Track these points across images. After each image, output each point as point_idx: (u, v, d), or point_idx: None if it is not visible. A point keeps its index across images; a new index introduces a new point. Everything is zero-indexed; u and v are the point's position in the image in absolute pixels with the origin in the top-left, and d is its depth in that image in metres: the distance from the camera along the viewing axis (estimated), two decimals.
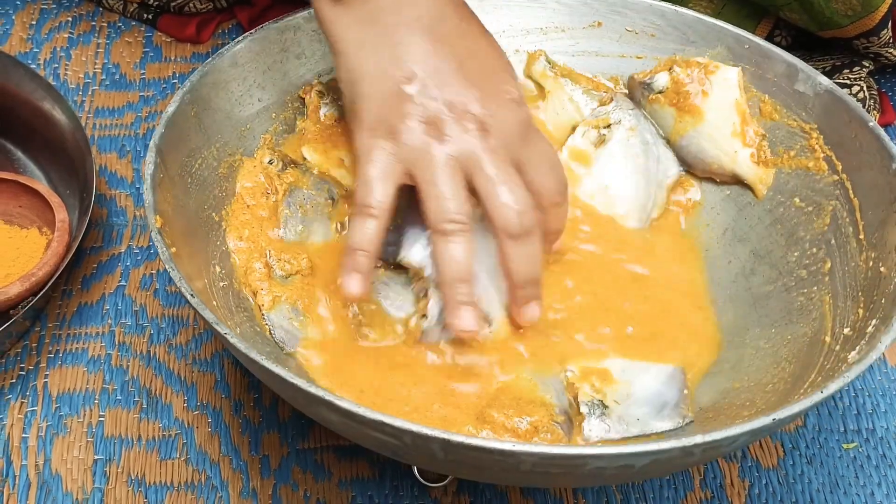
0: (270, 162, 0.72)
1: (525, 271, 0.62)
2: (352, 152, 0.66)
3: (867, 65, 0.90)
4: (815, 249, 0.71)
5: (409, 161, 0.61)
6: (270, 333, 0.65)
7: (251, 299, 0.66)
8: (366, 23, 0.62)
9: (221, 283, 0.66)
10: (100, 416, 0.70)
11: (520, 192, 0.61)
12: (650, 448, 0.52)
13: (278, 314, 0.66)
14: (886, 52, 0.89)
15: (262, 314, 0.66)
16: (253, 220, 0.70)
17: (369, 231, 0.61)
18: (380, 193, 0.61)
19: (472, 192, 0.62)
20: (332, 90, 0.76)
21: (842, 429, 0.72)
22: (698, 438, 0.52)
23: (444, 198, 0.60)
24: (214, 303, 0.63)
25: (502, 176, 0.61)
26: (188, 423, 0.70)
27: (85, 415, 0.70)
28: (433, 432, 0.51)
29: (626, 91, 0.79)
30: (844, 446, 0.71)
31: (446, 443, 0.51)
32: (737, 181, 0.75)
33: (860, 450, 0.71)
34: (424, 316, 0.65)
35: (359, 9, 0.62)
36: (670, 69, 0.76)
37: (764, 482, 0.69)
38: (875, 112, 0.89)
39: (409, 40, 0.62)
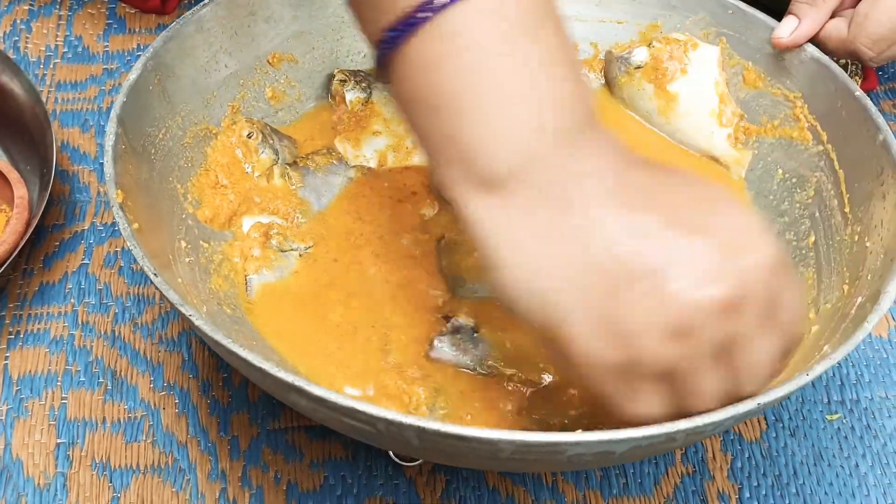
0: (249, 135, 0.70)
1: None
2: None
3: None
4: (798, 223, 0.69)
5: (666, 377, 0.48)
6: (246, 290, 0.65)
7: (237, 259, 0.66)
8: (537, 210, 0.47)
9: (187, 259, 0.64)
10: (62, 399, 0.68)
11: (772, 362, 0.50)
12: (632, 435, 0.49)
13: (260, 277, 0.66)
14: None
15: (245, 277, 0.66)
16: (223, 204, 0.68)
17: None
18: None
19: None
20: (353, 74, 0.74)
21: (826, 400, 0.71)
22: (682, 425, 0.49)
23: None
24: (179, 280, 0.61)
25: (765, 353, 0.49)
26: (154, 405, 0.68)
27: (47, 397, 0.68)
28: (407, 419, 0.49)
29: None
30: (828, 417, 0.70)
31: (421, 430, 0.49)
32: (713, 161, 0.74)
33: (844, 421, 0.70)
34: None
35: (520, 193, 0.47)
36: (649, 44, 0.74)
37: (747, 455, 0.68)
38: (857, 77, 0.87)
39: (600, 211, 0.47)
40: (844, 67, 0.85)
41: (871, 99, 0.68)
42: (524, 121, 0.47)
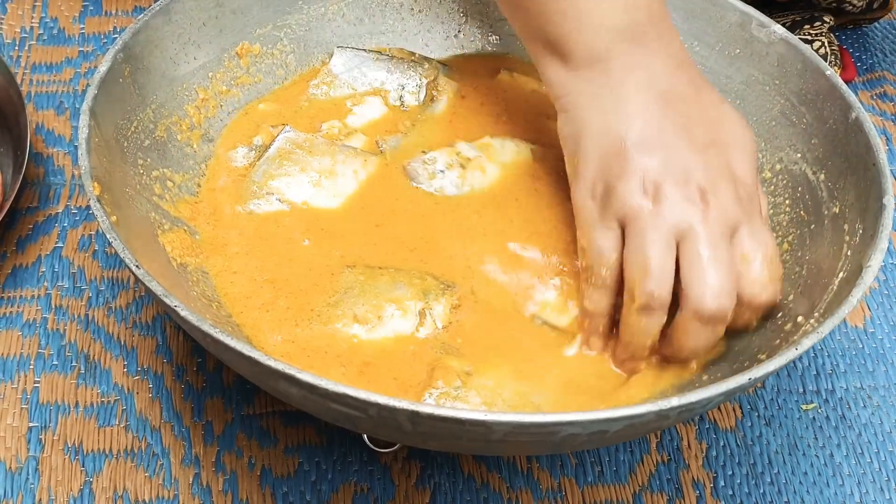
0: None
1: (692, 350, 0.59)
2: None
3: (828, 20, 0.88)
4: (777, 201, 0.69)
5: (623, 218, 0.59)
6: None
7: None
8: (594, 83, 0.61)
9: (167, 248, 0.64)
10: (35, 382, 0.67)
11: (726, 278, 0.57)
12: (625, 413, 0.50)
13: None
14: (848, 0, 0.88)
15: None
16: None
17: (603, 300, 0.60)
18: (607, 258, 0.59)
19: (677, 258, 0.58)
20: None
21: (801, 390, 0.71)
22: (674, 401, 0.50)
23: (652, 273, 0.57)
24: (158, 269, 0.61)
25: (713, 255, 0.57)
26: (128, 389, 0.67)
27: (19, 380, 0.67)
28: (401, 403, 0.49)
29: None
30: (803, 407, 0.70)
31: (414, 414, 0.49)
32: None
33: (819, 411, 0.70)
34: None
35: (587, 70, 0.61)
36: None
37: (722, 444, 0.68)
38: (836, 68, 0.87)
39: (637, 99, 0.60)
40: (823, 58, 0.85)
41: (850, 89, 0.68)
42: (604, 17, 0.61)
